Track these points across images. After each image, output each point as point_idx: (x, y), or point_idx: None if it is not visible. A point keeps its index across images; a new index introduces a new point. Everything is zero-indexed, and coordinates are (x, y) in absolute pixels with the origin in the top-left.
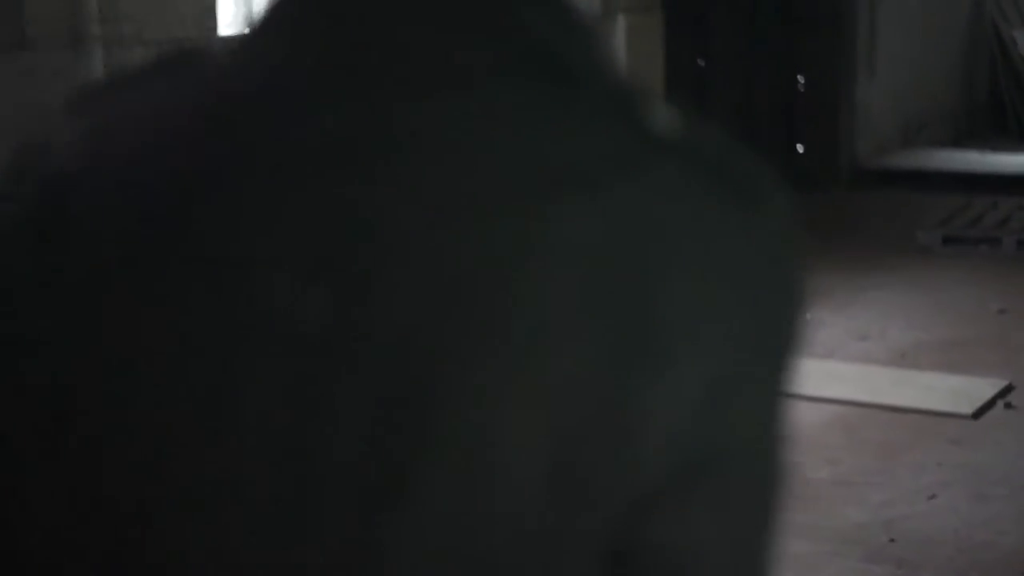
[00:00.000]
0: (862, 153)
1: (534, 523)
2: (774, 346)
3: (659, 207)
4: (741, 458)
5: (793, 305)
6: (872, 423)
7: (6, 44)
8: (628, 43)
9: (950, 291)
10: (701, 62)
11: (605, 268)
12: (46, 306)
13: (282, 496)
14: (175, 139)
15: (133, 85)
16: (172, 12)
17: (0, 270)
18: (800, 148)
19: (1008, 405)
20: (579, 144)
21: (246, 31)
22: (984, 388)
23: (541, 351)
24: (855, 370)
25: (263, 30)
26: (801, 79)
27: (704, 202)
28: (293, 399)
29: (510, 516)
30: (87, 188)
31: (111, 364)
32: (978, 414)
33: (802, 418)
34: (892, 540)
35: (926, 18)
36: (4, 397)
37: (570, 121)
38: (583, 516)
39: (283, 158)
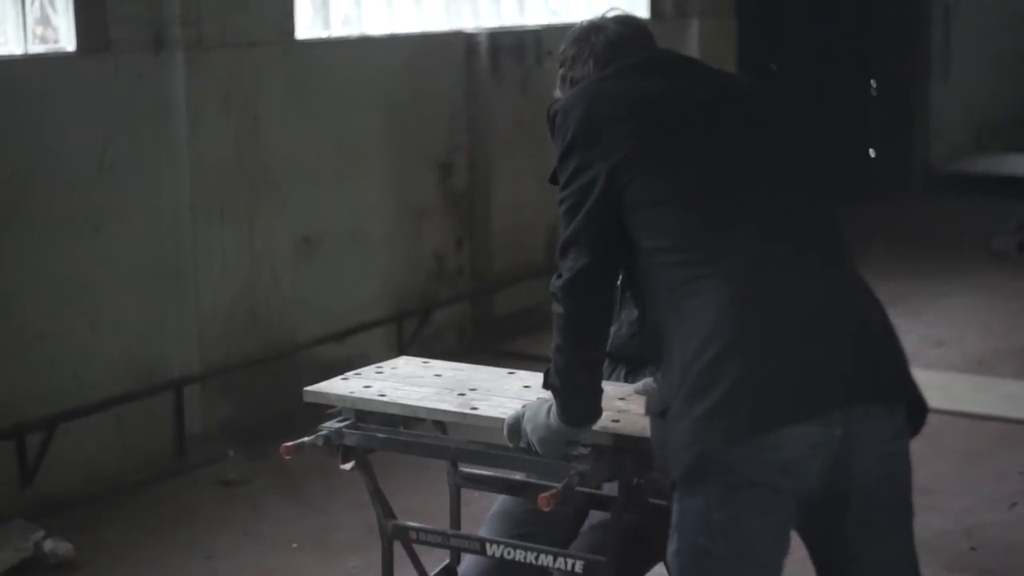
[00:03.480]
0: (935, 158)
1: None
2: None
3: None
4: None
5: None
6: (952, 430)
7: (91, 46)
8: (701, 46)
9: None
10: (774, 66)
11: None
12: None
13: (738, 138)
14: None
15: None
16: (252, 16)
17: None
18: (873, 153)
19: None
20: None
21: (621, 68)
22: None
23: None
24: (933, 377)
25: (631, 68)
26: (874, 83)
27: None
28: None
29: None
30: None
31: (669, 121)
32: None
33: None
34: (973, 548)
35: (1000, 22)
36: (655, 122)
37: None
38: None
39: (673, 87)
